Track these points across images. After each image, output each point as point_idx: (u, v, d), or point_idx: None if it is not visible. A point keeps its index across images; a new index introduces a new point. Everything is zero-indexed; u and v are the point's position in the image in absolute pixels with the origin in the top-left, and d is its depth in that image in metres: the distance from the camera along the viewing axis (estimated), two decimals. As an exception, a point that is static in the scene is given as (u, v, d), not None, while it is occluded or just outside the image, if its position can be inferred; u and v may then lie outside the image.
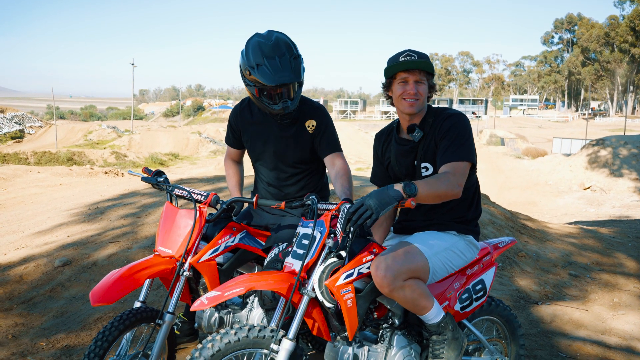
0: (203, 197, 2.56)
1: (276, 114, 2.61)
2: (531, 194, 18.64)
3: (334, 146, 2.76)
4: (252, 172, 3.09)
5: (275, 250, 2.53)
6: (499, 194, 17.59)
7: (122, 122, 64.59)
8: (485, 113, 73.59)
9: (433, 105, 2.45)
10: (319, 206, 2.22)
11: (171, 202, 2.60)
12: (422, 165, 2.37)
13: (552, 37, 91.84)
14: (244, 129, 2.86)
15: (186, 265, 2.43)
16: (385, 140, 2.57)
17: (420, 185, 1.99)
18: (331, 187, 5.11)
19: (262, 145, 2.81)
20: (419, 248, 2.19)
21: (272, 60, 2.46)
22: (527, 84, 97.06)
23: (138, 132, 44.34)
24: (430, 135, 2.34)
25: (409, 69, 2.29)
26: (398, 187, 1.94)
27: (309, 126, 2.73)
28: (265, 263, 2.50)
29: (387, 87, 2.41)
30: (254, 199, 2.42)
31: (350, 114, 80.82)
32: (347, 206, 2.06)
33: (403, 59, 2.30)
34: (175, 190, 2.60)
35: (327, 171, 2.91)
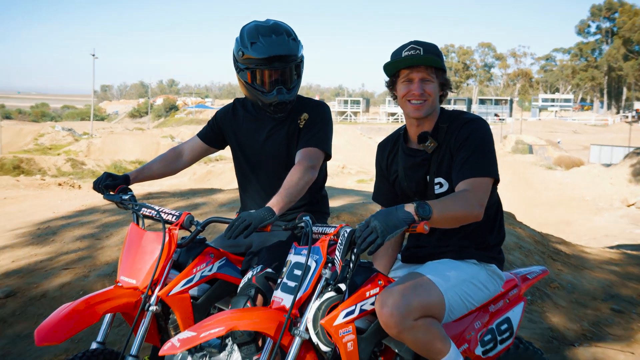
0: (174, 217, 2.56)
1: (269, 104, 2.72)
2: (565, 212, 18.72)
3: (315, 141, 2.72)
4: (235, 185, 3.10)
5: (249, 275, 2.54)
6: (527, 212, 17.64)
7: (79, 124, 64.60)
8: (510, 115, 74.10)
9: (447, 108, 2.46)
10: (314, 229, 2.22)
11: (137, 223, 2.61)
12: (436, 180, 2.38)
13: (589, 26, 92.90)
14: (231, 128, 2.95)
15: (153, 299, 2.42)
16: (390, 151, 2.57)
17: (435, 206, 1.99)
18: (332, 203, 5.11)
19: (251, 149, 2.90)
20: (433, 280, 2.19)
21: (269, 37, 2.68)
22: (559, 81, 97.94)
23: (99, 135, 44.35)
24: (445, 144, 2.35)
25: (413, 66, 2.30)
26: (409, 208, 1.94)
27: (300, 120, 2.81)
28: (239, 290, 2.51)
29: (391, 85, 2.43)
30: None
31: (350, 116, 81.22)
32: (348, 230, 2.06)
33: (406, 53, 2.32)
34: (143, 209, 2.60)
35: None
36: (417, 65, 2.30)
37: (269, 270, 2.54)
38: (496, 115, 71.61)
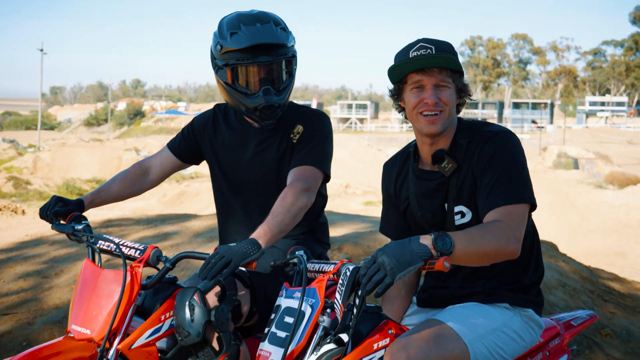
0: (138, 251, 2.55)
1: (254, 109, 2.71)
2: (619, 241, 18.68)
3: (312, 159, 2.74)
4: (214, 209, 3.10)
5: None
6: (572, 241, 17.62)
7: (24, 134, 64.70)
8: (551, 122, 74.46)
9: (470, 116, 2.46)
10: (310, 266, 2.22)
11: (93, 259, 2.60)
12: (456, 209, 2.39)
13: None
14: (210, 142, 2.97)
15: (112, 353, 2.40)
16: (399, 173, 2.58)
17: (459, 239, 2.00)
18: (333, 232, 5.11)
19: (234, 169, 2.91)
20: (455, 329, 2.19)
21: (252, 26, 2.70)
22: (610, 81, 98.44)
23: (47, 148, 44.41)
24: (466, 165, 2.36)
25: (424, 69, 2.31)
26: (425, 240, 1.95)
27: (293, 133, 2.82)
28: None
29: (397, 94, 2.44)
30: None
31: (355, 123, 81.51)
32: (351, 267, 2.06)
33: (415, 53, 2.33)
34: (100, 242, 2.60)
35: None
36: (429, 68, 2.30)
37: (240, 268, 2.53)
38: (534, 122, 71.95)
